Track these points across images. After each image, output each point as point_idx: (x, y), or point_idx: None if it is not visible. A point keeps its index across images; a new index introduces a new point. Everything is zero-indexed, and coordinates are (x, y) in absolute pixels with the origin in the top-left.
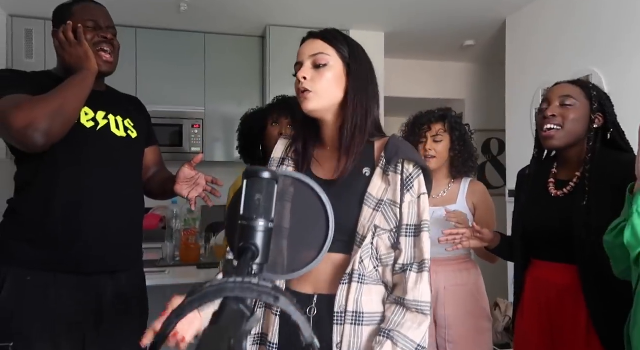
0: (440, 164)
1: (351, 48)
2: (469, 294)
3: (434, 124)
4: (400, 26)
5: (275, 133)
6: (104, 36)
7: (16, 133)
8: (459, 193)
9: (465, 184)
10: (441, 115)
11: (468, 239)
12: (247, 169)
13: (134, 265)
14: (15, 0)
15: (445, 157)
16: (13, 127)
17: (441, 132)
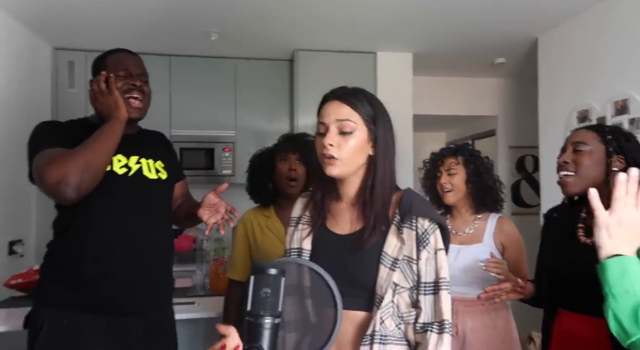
0: (457, 197)
1: (375, 109)
2: (497, 337)
3: (446, 158)
4: (429, 46)
5: (284, 169)
6: (133, 84)
7: (49, 188)
8: (485, 231)
9: (493, 221)
10: (454, 150)
11: (508, 293)
12: (255, 264)
13: (164, 306)
14: (59, 34)
15: (463, 190)
16: (46, 183)
17: (454, 165)
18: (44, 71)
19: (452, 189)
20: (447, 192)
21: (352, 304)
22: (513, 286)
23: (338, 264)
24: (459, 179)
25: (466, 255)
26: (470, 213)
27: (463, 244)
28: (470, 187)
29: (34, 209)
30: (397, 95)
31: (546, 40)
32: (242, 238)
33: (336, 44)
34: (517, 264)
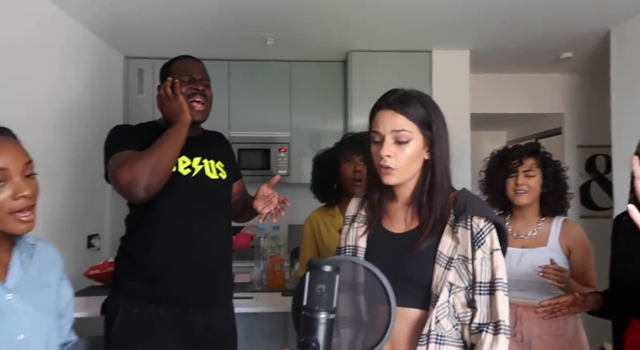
0: (531, 200)
1: (429, 113)
2: (567, 345)
3: (525, 159)
4: (488, 43)
5: (349, 170)
6: (196, 88)
7: (122, 189)
8: (550, 234)
9: (558, 223)
10: (532, 150)
11: (568, 306)
12: (310, 262)
13: (224, 300)
14: (130, 44)
15: (537, 193)
16: (119, 184)
17: (534, 167)
18: (116, 78)
19: (528, 190)
20: (522, 193)
21: (406, 301)
22: (573, 299)
23: (393, 262)
24: (535, 182)
25: (530, 259)
26: (536, 216)
27: (526, 247)
28: (545, 191)
29: (108, 206)
30: (453, 94)
31: (620, 32)
32: (309, 237)
33: (390, 44)
34: (584, 270)
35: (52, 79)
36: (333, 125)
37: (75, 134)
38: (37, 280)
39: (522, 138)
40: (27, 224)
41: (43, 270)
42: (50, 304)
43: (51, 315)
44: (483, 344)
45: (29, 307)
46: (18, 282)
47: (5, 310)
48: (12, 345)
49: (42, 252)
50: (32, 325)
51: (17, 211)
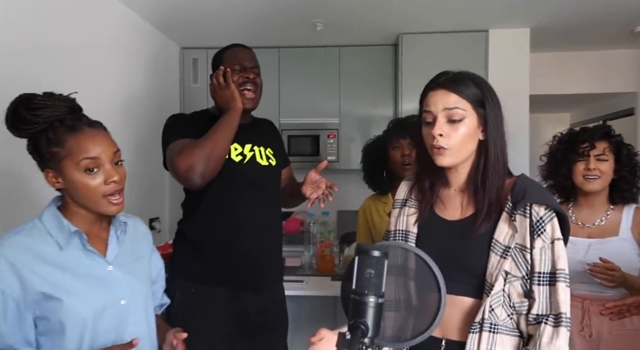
0: (603, 186)
1: (482, 91)
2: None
3: (598, 142)
4: (550, 19)
5: (398, 156)
6: (247, 76)
7: (179, 176)
8: (621, 223)
9: (629, 212)
10: (605, 133)
11: (637, 307)
12: (359, 246)
13: (276, 283)
14: (184, 35)
15: (609, 179)
16: (177, 172)
17: (607, 151)
18: (173, 69)
19: (601, 176)
20: (593, 179)
21: (459, 289)
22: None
23: (446, 249)
24: (608, 167)
25: (599, 250)
26: (603, 203)
27: (593, 238)
28: (618, 177)
29: (167, 191)
30: (511, 75)
31: None
32: (363, 224)
33: (443, 25)
34: None
35: (116, 71)
36: (382, 111)
37: (137, 123)
38: (131, 253)
39: (588, 120)
40: (118, 206)
41: (135, 244)
42: (144, 272)
43: (146, 282)
44: (542, 335)
45: (127, 276)
46: (116, 255)
47: (108, 280)
48: (117, 309)
49: (133, 228)
50: (131, 291)
51: (108, 195)
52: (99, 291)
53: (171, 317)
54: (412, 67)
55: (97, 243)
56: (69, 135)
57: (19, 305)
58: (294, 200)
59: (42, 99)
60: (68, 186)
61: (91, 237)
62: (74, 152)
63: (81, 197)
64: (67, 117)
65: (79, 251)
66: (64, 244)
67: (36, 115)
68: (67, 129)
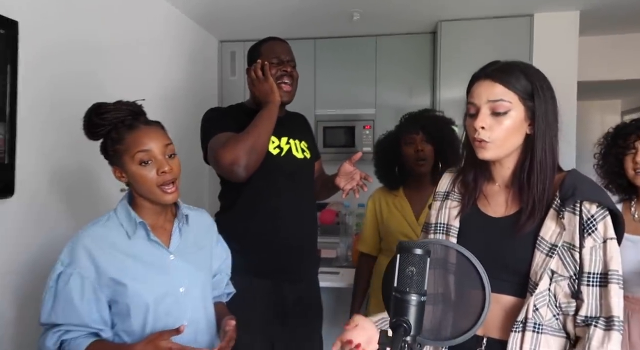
0: None
1: (534, 85)
2: None
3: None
4: (602, 0)
5: (411, 151)
6: (284, 70)
7: (224, 169)
8: None
9: None
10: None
11: None
12: (401, 243)
13: (312, 275)
14: (223, 28)
15: None
16: (221, 165)
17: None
18: (211, 62)
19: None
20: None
21: (502, 288)
22: None
23: (489, 247)
24: None
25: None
26: None
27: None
28: None
29: (207, 184)
30: (558, 61)
31: None
32: (371, 214)
33: (485, 10)
34: None
35: (159, 66)
36: (419, 100)
37: (178, 117)
38: (193, 244)
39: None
40: (171, 195)
41: (198, 235)
42: (204, 262)
43: (206, 272)
44: (592, 339)
45: (187, 266)
46: (178, 245)
47: (170, 268)
48: (176, 295)
49: (197, 220)
50: (189, 280)
51: (162, 185)
52: (161, 278)
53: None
54: (450, 56)
55: (161, 234)
56: (127, 133)
57: (95, 289)
58: (326, 192)
59: (109, 104)
60: (130, 179)
61: (156, 228)
62: (131, 147)
63: (140, 189)
64: (127, 118)
65: (145, 241)
66: (131, 234)
67: (103, 118)
68: (126, 128)
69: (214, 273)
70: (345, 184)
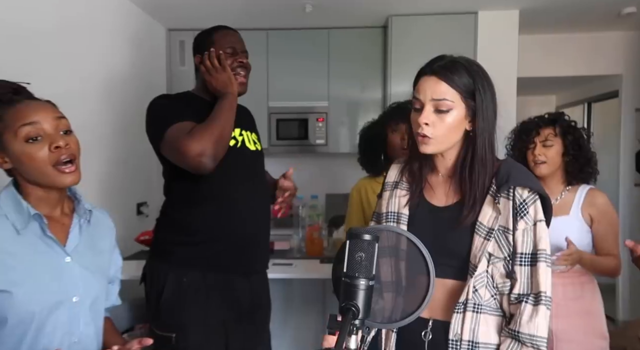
0: (551, 170)
1: (476, 84)
2: (582, 309)
3: (542, 129)
4: (539, 1)
5: (397, 140)
6: (240, 61)
7: (191, 160)
8: (573, 202)
9: (582, 192)
10: (551, 120)
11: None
12: (350, 230)
13: (264, 268)
14: (171, 16)
15: (558, 162)
16: (188, 155)
17: (551, 137)
18: (159, 51)
19: (546, 161)
20: (540, 164)
21: (446, 272)
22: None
23: (434, 234)
24: (554, 152)
25: (552, 228)
26: (560, 185)
27: None
28: (567, 160)
29: (155, 175)
30: (499, 57)
31: None
32: (356, 204)
33: (433, 6)
34: (606, 239)
35: (99, 53)
36: (372, 94)
37: (121, 106)
38: (92, 246)
39: (573, 102)
40: (69, 175)
41: (98, 238)
42: (102, 269)
43: (102, 280)
44: (522, 314)
45: (83, 271)
46: (76, 246)
47: (64, 272)
48: (68, 306)
49: (98, 220)
50: (85, 288)
51: (57, 164)
52: (54, 284)
53: (162, 309)
54: (401, 50)
55: (57, 230)
56: (7, 108)
57: None
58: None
59: None
60: (15, 163)
61: (52, 223)
62: (12, 122)
63: (30, 172)
64: (6, 94)
65: (37, 238)
66: (21, 228)
67: None
68: (5, 104)
69: (108, 281)
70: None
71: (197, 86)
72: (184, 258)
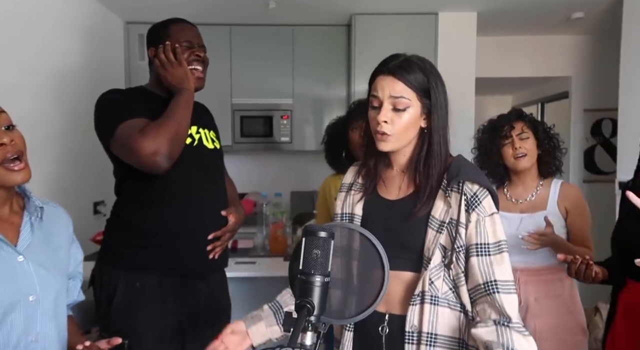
0: (532, 162)
1: (430, 82)
2: (562, 306)
3: (515, 123)
4: (496, 4)
5: (356, 137)
6: (197, 55)
7: (145, 159)
8: (549, 197)
9: (556, 186)
10: (519, 114)
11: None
12: (306, 227)
13: (221, 268)
14: (130, 9)
15: (535, 154)
16: (142, 154)
17: (525, 129)
18: (117, 45)
19: (527, 153)
20: (522, 156)
21: (401, 265)
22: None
23: (388, 228)
24: (531, 144)
25: (530, 224)
26: (535, 179)
27: (525, 212)
28: (542, 151)
29: (111, 174)
30: (459, 57)
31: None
32: (322, 202)
33: (395, 6)
34: (581, 230)
35: (49, 45)
36: (336, 91)
37: (75, 101)
38: (47, 243)
39: (528, 102)
40: (19, 173)
41: (53, 233)
42: (60, 266)
43: (61, 277)
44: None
45: (39, 269)
46: (29, 244)
47: (17, 272)
48: (24, 305)
49: (51, 215)
50: (42, 286)
51: (3, 162)
52: (7, 285)
53: (113, 314)
54: (364, 48)
55: (7, 230)
56: None
57: None
58: None
59: None
60: None
61: (0, 222)
62: None
63: None
64: None
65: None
66: None
67: None
68: None
69: (69, 277)
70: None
71: (151, 81)
72: (137, 262)
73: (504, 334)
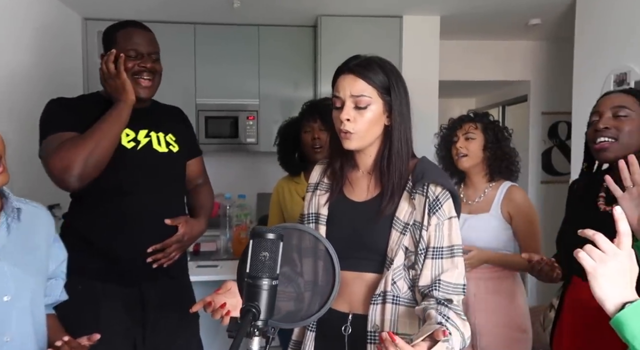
0: (472, 163)
1: (389, 79)
2: (500, 303)
3: (465, 123)
4: (458, 8)
5: (308, 139)
6: (143, 66)
7: (54, 177)
8: (494, 200)
9: (502, 190)
10: (474, 116)
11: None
12: (253, 229)
13: (178, 273)
14: (89, 4)
15: (479, 156)
16: (51, 172)
17: (472, 130)
18: (74, 41)
19: (468, 153)
20: (462, 156)
21: (365, 266)
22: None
23: (353, 229)
24: (475, 145)
25: (472, 225)
26: (484, 181)
27: (472, 213)
28: (487, 154)
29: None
30: (423, 60)
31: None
32: (275, 204)
33: (361, 9)
34: (527, 235)
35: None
36: (303, 92)
37: (28, 101)
38: (24, 243)
39: (490, 105)
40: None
41: (31, 234)
42: (37, 265)
43: (38, 277)
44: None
45: (15, 270)
46: (4, 245)
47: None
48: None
49: (31, 215)
50: (17, 286)
51: None
52: None
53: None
54: (331, 50)
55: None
56: None
57: None
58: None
59: None
60: None
61: None
62: None
63: None
64: None
65: None
66: None
67: None
68: None
69: (49, 277)
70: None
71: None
72: (79, 266)
73: (443, 308)
